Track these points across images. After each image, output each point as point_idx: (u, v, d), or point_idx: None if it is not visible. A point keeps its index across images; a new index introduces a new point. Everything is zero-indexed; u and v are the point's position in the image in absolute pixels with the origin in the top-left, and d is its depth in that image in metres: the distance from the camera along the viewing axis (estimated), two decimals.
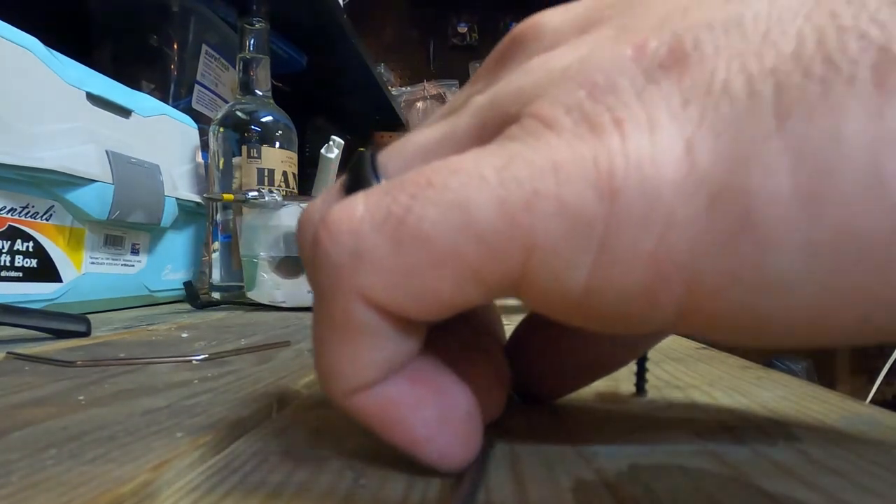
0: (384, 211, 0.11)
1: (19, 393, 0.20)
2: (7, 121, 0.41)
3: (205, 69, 0.78)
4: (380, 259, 0.11)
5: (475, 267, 0.11)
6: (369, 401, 0.12)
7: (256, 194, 0.56)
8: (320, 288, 0.12)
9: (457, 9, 1.97)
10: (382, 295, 0.11)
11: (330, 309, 0.12)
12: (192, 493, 0.12)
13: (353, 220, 0.11)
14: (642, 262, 0.10)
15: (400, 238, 0.11)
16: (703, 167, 0.10)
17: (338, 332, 0.12)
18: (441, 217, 0.11)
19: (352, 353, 0.12)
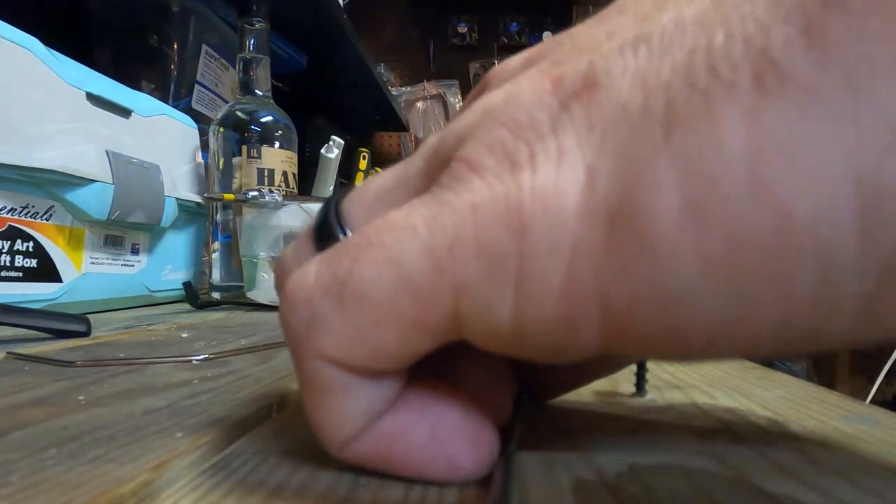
0: (329, 276, 0.12)
1: (19, 393, 0.20)
2: (7, 121, 0.41)
3: (205, 69, 0.78)
4: (329, 323, 0.12)
5: (414, 317, 0.11)
6: (362, 448, 0.13)
7: (256, 194, 0.56)
8: (291, 352, 0.13)
9: (457, 9, 1.97)
10: (339, 354, 0.12)
11: (300, 373, 0.13)
12: (192, 493, 0.12)
13: (306, 288, 0.12)
14: (556, 292, 0.10)
15: (344, 300, 0.12)
16: (602, 191, 0.10)
17: (312, 393, 0.13)
18: (377, 275, 0.11)
19: (330, 411, 0.12)
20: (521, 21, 1.96)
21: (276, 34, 0.87)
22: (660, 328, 0.10)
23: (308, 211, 0.56)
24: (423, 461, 0.12)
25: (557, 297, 0.10)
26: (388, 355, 0.12)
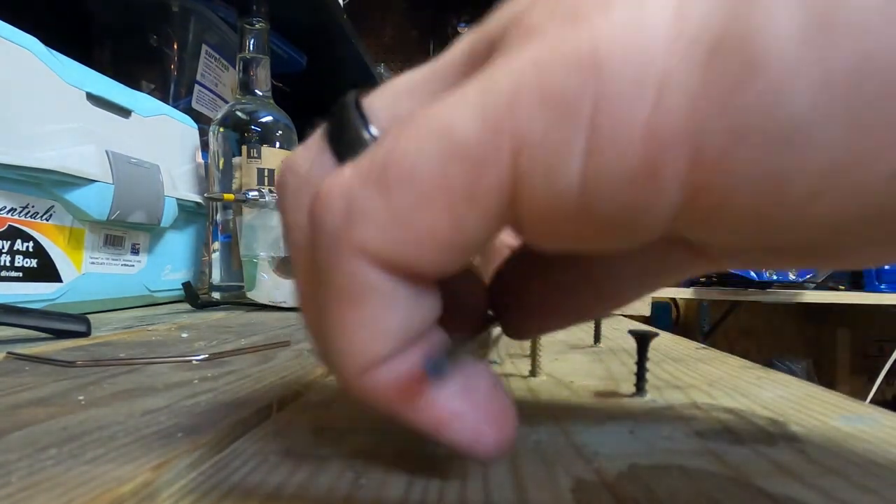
0: (369, 161, 0.11)
1: (19, 393, 0.20)
2: (7, 121, 0.41)
3: (205, 69, 0.78)
4: (372, 210, 0.10)
5: (466, 189, 0.10)
6: (387, 376, 0.11)
7: (256, 194, 0.56)
8: (322, 263, 0.11)
9: (457, 9, 1.97)
10: (382, 246, 0.10)
11: (333, 279, 0.11)
12: (192, 493, 0.12)
13: (343, 182, 0.11)
14: (638, 134, 0.09)
15: (387, 183, 0.10)
16: (697, 19, 0.09)
17: (345, 302, 0.11)
18: (422, 148, 0.10)
19: (362, 322, 0.11)
20: None
21: (276, 34, 0.87)
22: (758, 174, 0.09)
23: None
24: (445, 419, 0.11)
25: (639, 140, 0.09)
26: (437, 243, 0.10)
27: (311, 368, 0.25)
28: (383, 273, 0.11)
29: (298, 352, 0.30)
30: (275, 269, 0.57)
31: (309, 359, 0.28)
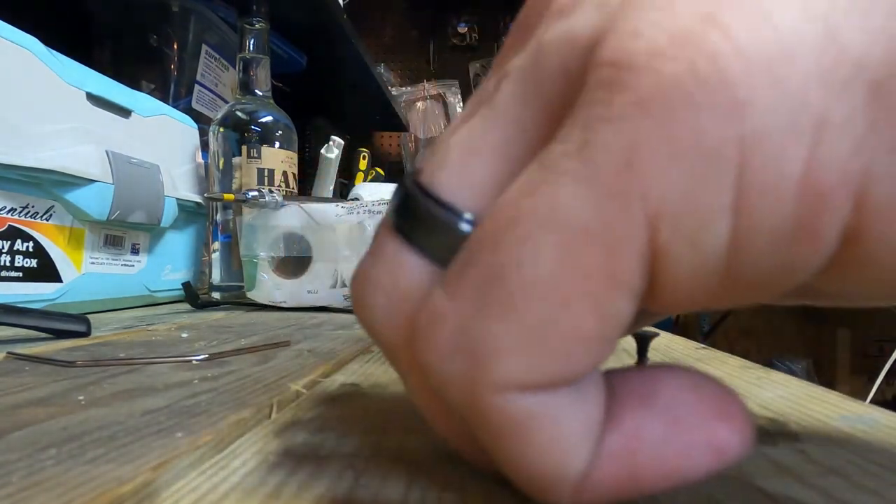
0: (471, 289, 0.09)
1: (19, 393, 0.20)
2: (7, 121, 0.41)
3: (205, 69, 0.78)
4: (500, 342, 0.09)
5: (605, 271, 0.09)
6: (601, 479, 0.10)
7: (256, 194, 0.56)
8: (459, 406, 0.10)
9: (457, 9, 1.97)
10: (527, 374, 0.09)
11: (485, 421, 0.10)
12: (192, 493, 0.12)
13: (446, 318, 0.10)
14: (795, 184, 0.08)
15: (508, 304, 0.09)
16: (856, 52, 0.08)
17: (512, 440, 0.10)
18: (536, 246, 0.09)
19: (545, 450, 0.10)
20: None
21: (276, 34, 0.87)
22: None
23: (308, 211, 0.56)
24: (678, 459, 0.10)
25: (796, 191, 0.08)
26: (586, 344, 0.09)
27: (312, 368, 0.25)
28: (538, 395, 0.09)
29: (298, 352, 0.30)
30: (275, 269, 0.57)
31: (309, 359, 0.28)
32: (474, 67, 1.99)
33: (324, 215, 0.56)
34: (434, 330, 0.10)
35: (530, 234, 0.09)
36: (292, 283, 0.57)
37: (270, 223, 0.57)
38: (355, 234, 0.56)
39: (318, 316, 0.52)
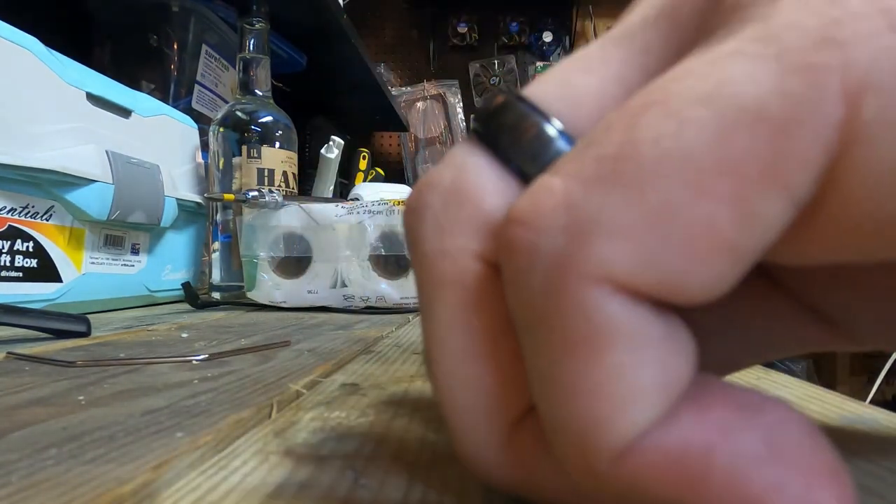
0: (594, 162, 0.08)
1: (19, 393, 0.20)
2: (7, 121, 0.41)
3: (205, 69, 0.78)
4: (617, 217, 0.08)
5: (765, 163, 0.07)
6: (657, 453, 0.08)
7: (256, 194, 0.56)
8: (533, 302, 0.08)
9: (457, 9, 1.97)
10: (636, 265, 0.08)
11: (559, 321, 0.08)
12: (192, 493, 0.12)
13: (555, 194, 0.08)
14: None
15: (635, 177, 0.08)
16: None
17: (581, 353, 0.08)
18: (687, 123, 0.07)
19: (611, 379, 0.08)
20: (521, 21, 1.95)
21: (276, 34, 0.87)
22: None
23: (308, 211, 0.56)
24: (763, 487, 0.07)
25: None
26: (714, 247, 0.07)
27: (311, 368, 0.25)
28: (632, 306, 0.08)
29: (298, 352, 0.30)
30: (275, 269, 0.57)
31: (309, 359, 0.28)
32: (474, 67, 1.99)
33: (324, 215, 0.56)
34: (536, 203, 0.08)
35: (680, 109, 0.08)
36: (292, 283, 0.57)
37: (270, 223, 0.57)
38: (355, 234, 0.56)
39: (318, 316, 0.52)
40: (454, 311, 0.10)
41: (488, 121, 0.10)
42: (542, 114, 0.10)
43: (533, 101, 0.10)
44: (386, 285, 0.55)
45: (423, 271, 0.10)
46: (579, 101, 0.10)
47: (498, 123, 0.10)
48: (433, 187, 0.10)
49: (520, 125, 0.10)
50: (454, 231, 0.10)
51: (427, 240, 0.10)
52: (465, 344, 0.10)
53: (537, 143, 0.10)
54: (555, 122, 0.10)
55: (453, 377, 0.10)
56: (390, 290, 0.55)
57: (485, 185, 0.10)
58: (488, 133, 0.10)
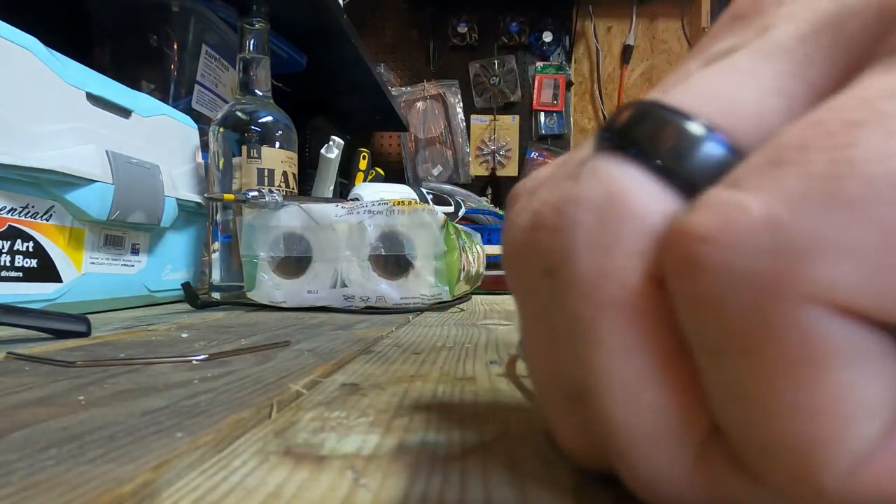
0: (797, 181, 0.08)
1: (19, 393, 0.20)
2: (7, 121, 0.41)
3: (205, 69, 0.78)
4: (837, 240, 0.07)
5: None
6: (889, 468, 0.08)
7: (256, 194, 0.56)
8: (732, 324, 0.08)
9: (457, 9, 1.97)
10: (859, 289, 0.07)
11: (768, 343, 0.08)
12: (192, 493, 0.12)
13: (750, 213, 0.08)
14: None
15: (858, 199, 0.07)
16: None
17: (797, 372, 0.08)
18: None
19: (836, 398, 0.08)
20: (521, 21, 1.95)
21: (276, 34, 0.87)
22: None
23: (308, 211, 0.56)
24: None
25: None
26: None
27: (311, 368, 0.25)
28: (851, 325, 0.08)
29: (298, 352, 0.30)
30: (275, 269, 0.57)
31: (309, 359, 0.28)
32: (474, 67, 1.99)
33: (324, 215, 0.56)
34: (727, 221, 0.08)
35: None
36: (292, 283, 0.57)
37: (270, 223, 0.57)
38: (355, 234, 0.56)
39: (318, 316, 0.52)
40: (625, 336, 0.09)
41: (630, 130, 0.10)
42: (710, 128, 0.09)
43: (682, 110, 0.10)
44: (386, 285, 0.55)
45: (579, 295, 0.10)
46: (735, 112, 0.10)
47: (649, 133, 0.10)
48: (578, 204, 0.10)
49: (679, 135, 0.09)
50: (616, 249, 0.09)
51: (581, 261, 0.10)
52: (641, 369, 0.09)
53: (697, 153, 0.09)
54: (718, 134, 0.09)
55: (631, 404, 0.10)
56: (390, 290, 0.55)
57: (643, 198, 0.09)
58: (634, 143, 0.10)
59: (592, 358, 0.10)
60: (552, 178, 0.11)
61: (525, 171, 1.96)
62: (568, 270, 0.10)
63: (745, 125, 0.10)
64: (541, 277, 0.11)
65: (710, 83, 0.10)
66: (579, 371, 0.10)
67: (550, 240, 0.10)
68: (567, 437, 0.11)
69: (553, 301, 0.10)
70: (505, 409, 0.19)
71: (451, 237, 0.56)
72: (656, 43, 2.01)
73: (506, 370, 0.16)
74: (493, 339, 0.37)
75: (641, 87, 2.02)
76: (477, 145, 1.98)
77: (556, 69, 1.95)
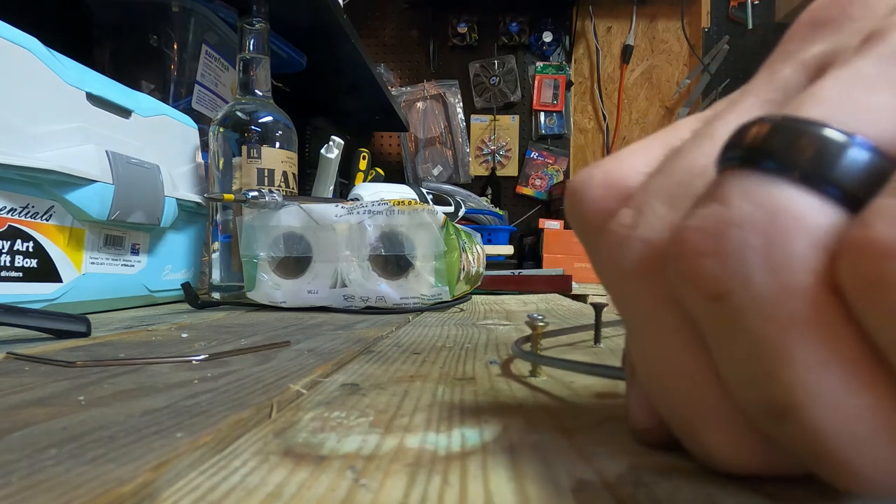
0: None
1: (19, 393, 0.20)
2: (7, 121, 0.41)
3: (205, 69, 0.78)
4: None
5: None
6: None
7: (256, 194, 0.56)
8: None
9: (457, 9, 1.97)
10: None
11: None
12: (192, 493, 0.12)
13: None
14: None
15: None
16: None
17: None
18: None
19: None
20: (521, 21, 1.95)
21: (275, 34, 0.87)
22: None
23: (308, 211, 0.56)
24: None
25: None
26: None
27: (311, 368, 0.25)
28: None
29: (298, 352, 0.30)
30: (275, 269, 0.57)
31: (309, 359, 0.28)
32: (474, 67, 1.99)
33: (324, 215, 0.56)
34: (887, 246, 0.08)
35: None
36: (292, 283, 0.57)
37: (270, 223, 0.57)
38: (355, 234, 0.56)
39: (318, 316, 0.52)
40: (820, 350, 0.10)
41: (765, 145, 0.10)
42: (842, 131, 0.10)
43: (816, 120, 0.10)
44: (386, 285, 0.55)
45: (763, 317, 0.10)
46: (874, 117, 0.10)
47: (786, 145, 0.10)
48: (741, 227, 0.10)
49: (820, 143, 0.10)
50: (792, 268, 0.10)
51: (758, 284, 0.10)
52: (843, 378, 0.10)
53: (842, 160, 0.09)
54: (860, 138, 0.10)
55: (841, 413, 0.10)
56: (390, 290, 0.55)
57: (806, 212, 0.10)
58: (771, 157, 0.10)
59: (790, 376, 0.10)
60: (652, 204, 0.12)
61: (525, 170, 1.96)
62: (744, 294, 0.10)
63: (887, 129, 0.10)
64: (704, 302, 0.11)
65: (837, 92, 0.10)
66: (770, 390, 0.10)
67: (716, 266, 0.10)
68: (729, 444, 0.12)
69: (722, 325, 0.11)
70: (505, 409, 0.19)
71: (451, 237, 0.56)
72: (656, 43, 2.01)
73: None
74: (493, 339, 0.37)
75: (641, 87, 2.02)
76: (477, 145, 1.98)
77: (556, 69, 1.95)
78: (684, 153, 0.12)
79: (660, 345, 0.12)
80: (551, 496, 0.12)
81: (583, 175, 0.14)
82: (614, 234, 0.12)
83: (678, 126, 0.15)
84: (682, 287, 0.11)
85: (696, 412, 0.12)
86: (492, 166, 1.97)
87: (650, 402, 0.14)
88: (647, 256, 0.12)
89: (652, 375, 0.13)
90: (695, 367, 0.12)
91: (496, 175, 1.97)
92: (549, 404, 0.19)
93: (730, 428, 0.12)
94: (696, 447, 0.12)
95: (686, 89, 1.98)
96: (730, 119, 0.12)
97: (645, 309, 0.12)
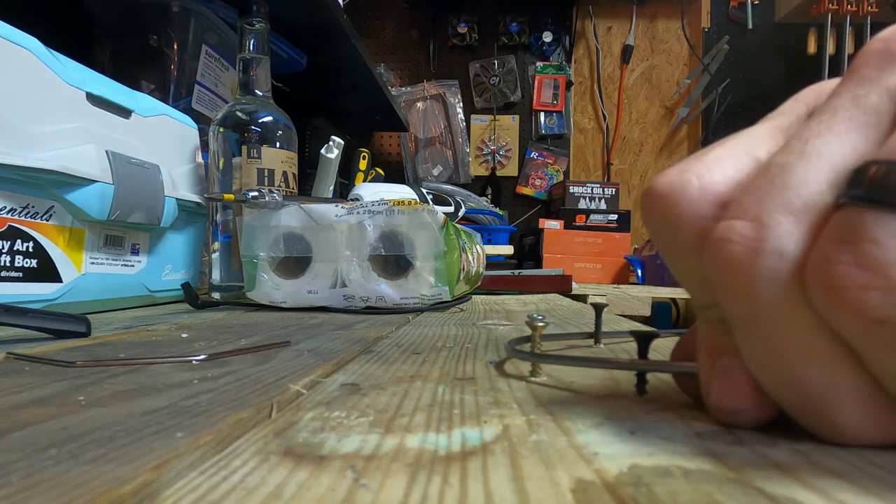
0: None
1: (19, 393, 0.20)
2: (7, 121, 0.41)
3: (205, 69, 0.78)
4: None
5: None
6: None
7: (256, 194, 0.56)
8: None
9: (457, 9, 1.97)
10: None
11: None
12: (192, 493, 0.12)
13: None
14: None
15: None
16: None
17: None
18: None
19: None
20: (521, 21, 1.95)
21: (276, 34, 0.87)
22: None
23: (308, 211, 0.56)
24: None
25: None
26: None
27: (311, 368, 0.25)
28: None
29: (298, 352, 0.30)
30: (275, 269, 0.57)
31: (309, 359, 0.28)
32: (474, 67, 1.99)
33: (324, 215, 0.56)
34: None
35: None
36: (292, 283, 0.57)
37: (270, 223, 0.57)
38: (355, 234, 0.56)
39: (318, 316, 0.52)
40: None
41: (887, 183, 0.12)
42: None
43: None
44: (386, 285, 0.55)
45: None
46: None
47: None
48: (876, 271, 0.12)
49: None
50: None
51: None
52: None
53: None
54: None
55: None
56: (390, 290, 0.55)
57: None
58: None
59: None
60: (777, 218, 0.13)
61: (524, 170, 1.96)
62: (872, 319, 0.12)
63: None
64: (864, 325, 0.13)
65: None
66: None
67: (879, 298, 0.12)
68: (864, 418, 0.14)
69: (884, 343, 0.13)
70: (505, 409, 0.19)
71: (451, 237, 0.57)
72: (656, 43, 2.01)
73: None
74: (493, 339, 0.37)
75: (641, 87, 2.02)
76: (477, 145, 1.99)
77: (556, 69, 1.95)
78: (794, 169, 0.14)
79: (794, 339, 0.14)
80: (551, 496, 0.12)
81: (671, 178, 0.15)
82: (736, 244, 0.14)
83: (753, 134, 0.16)
84: (835, 311, 0.13)
85: (833, 395, 0.14)
86: (492, 166, 1.97)
87: (755, 387, 0.15)
88: (782, 268, 0.13)
89: (778, 365, 0.14)
90: (834, 358, 0.13)
91: (496, 175, 1.97)
92: (548, 404, 0.19)
93: (866, 405, 0.14)
94: (828, 425, 0.14)
95: (686, 89, 1.98)
96: (829, 139, 0.13)
97: (777, 309, 0.14)
